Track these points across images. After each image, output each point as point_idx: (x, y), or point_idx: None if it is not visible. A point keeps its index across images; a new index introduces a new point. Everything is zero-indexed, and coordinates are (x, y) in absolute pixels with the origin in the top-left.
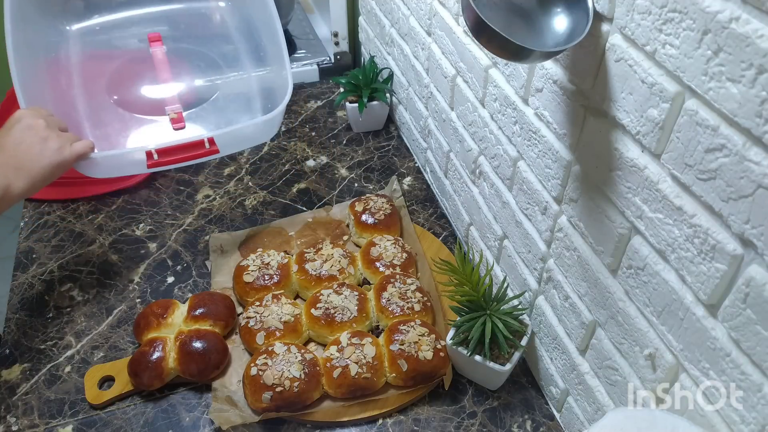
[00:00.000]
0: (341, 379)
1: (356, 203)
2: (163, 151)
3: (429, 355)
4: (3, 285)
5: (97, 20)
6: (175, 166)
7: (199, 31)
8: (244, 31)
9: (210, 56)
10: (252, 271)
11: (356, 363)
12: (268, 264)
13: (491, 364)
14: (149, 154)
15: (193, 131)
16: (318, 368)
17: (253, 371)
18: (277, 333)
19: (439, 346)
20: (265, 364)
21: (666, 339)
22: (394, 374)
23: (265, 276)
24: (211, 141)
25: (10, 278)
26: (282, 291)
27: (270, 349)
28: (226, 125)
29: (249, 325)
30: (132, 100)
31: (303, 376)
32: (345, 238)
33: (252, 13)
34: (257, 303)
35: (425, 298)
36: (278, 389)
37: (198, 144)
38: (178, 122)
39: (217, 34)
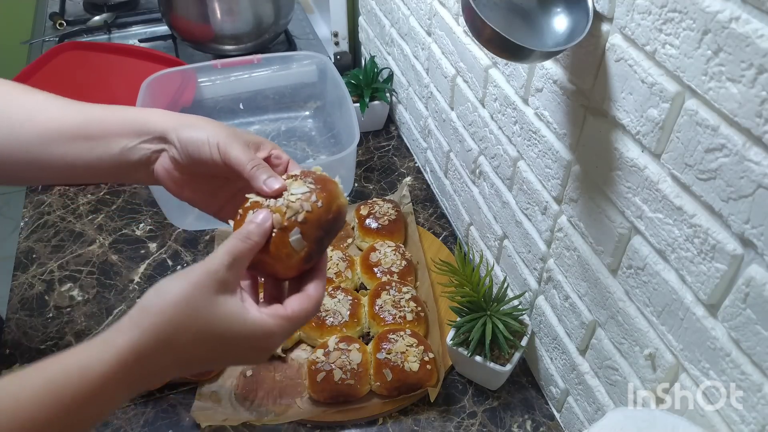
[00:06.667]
0: (324, 384)
1: (362, 207)
2: None
3: (415, 366)
4: (3, 285)
5: None
6: None
7: (289, 131)
8: (322, 131)
9: (296, 154)
10: None
11: (341, 368)
12: None
13: (491, 365)
14: None
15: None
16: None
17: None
18: None
19: (427, 359)
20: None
21: (666, 339)
22: (378, 383)
23: None
24: None
25: (10, 278)
26: None
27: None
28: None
29: None
30: None
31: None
32: (349, 240)
33: (333, 117)
34: None
35: (419, 308)
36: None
37: None
38: None
39: (302, 135)
